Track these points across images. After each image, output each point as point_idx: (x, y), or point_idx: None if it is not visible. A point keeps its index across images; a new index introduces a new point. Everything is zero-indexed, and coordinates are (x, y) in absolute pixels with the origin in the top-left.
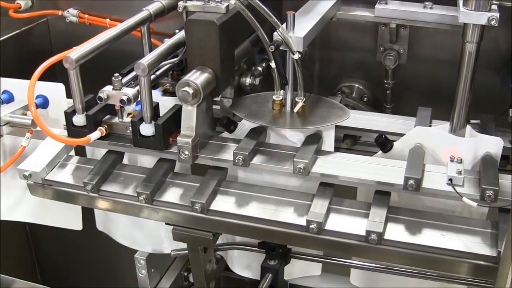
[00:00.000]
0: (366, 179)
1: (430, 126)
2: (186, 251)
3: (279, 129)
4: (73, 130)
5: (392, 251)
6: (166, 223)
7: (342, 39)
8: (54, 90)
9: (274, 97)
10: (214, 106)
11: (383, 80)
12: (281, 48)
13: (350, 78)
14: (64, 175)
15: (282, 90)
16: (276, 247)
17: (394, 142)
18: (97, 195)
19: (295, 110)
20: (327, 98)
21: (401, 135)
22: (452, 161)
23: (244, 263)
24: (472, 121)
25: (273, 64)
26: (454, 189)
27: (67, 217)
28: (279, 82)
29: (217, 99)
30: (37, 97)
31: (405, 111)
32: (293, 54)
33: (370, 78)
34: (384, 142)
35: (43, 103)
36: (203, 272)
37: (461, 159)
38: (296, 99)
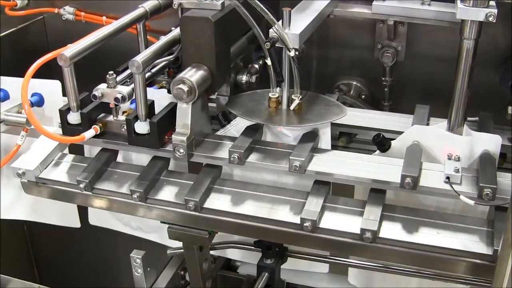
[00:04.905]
0: (362, 177)
1: (428, 123)
2: (183, 250)
3: (275, 127)
4: (68, 129)
5: (387, 250)
6: (162, 222)
7: (339, 36)
8: (50, 88)
9: (270, 94)
10: (209, 104)
11: (381, 78)
12: (277, 45)
13: (347, 75)
14: (58, 173)
15: (278, 88)
16: (273, 245)
17: (392, 141)
18: (91, 193)
19: (291, 107)
20: (323, 95)
21: (399, 132)
22: (449, 159)
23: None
24: (470, 118)
25: (268, 61)
26: (452, 187)
27: (65, 214)
28: (275, 79)
29: (213, 96)
30: (33, 95)
31: (403, 109)
32: (289, 51)
33: (368, 75)
34: (382, 142)
35: (38, 101)
36: (199, 271)
37: (458, 157)
38: (293, 96)
